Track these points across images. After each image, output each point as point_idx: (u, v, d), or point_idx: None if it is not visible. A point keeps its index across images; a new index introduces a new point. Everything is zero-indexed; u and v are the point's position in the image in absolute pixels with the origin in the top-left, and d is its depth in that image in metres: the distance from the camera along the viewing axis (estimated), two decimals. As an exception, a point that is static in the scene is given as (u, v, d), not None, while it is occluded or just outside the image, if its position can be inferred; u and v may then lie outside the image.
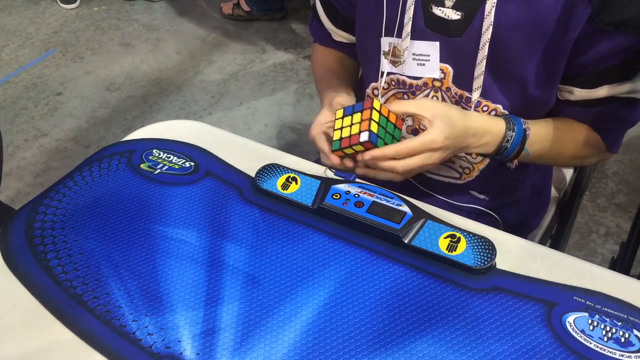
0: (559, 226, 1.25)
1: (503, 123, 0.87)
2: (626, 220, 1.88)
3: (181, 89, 2.52)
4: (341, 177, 0.86)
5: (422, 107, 0.83)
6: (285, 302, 0.72)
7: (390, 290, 0.73)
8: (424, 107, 0.83)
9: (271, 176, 0.86)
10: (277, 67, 2.63)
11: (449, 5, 0.85)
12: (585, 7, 0.79)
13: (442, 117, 0.82)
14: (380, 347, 0.67)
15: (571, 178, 1.24)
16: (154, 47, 2.77)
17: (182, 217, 0.83)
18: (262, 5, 2.85)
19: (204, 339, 0.68)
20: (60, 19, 2.97)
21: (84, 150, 2.20)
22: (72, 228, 0.81)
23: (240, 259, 0.77)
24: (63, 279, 0.75)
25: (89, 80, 2.57)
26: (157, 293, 0.73)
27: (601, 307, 0.70)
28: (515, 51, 0.84)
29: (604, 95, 0.87)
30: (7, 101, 2.45)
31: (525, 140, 0.88)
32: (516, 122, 0.87)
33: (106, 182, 0.89)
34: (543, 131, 0.91)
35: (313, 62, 1.11)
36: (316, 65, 1.09)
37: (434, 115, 0.81)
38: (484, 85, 0.88)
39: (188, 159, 0.92)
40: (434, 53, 0.88)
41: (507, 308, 0.70)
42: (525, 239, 0.81)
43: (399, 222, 0.78)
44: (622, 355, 0.65)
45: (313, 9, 1.07)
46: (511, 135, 0.87)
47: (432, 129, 0.81)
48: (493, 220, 1.03)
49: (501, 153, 0.88)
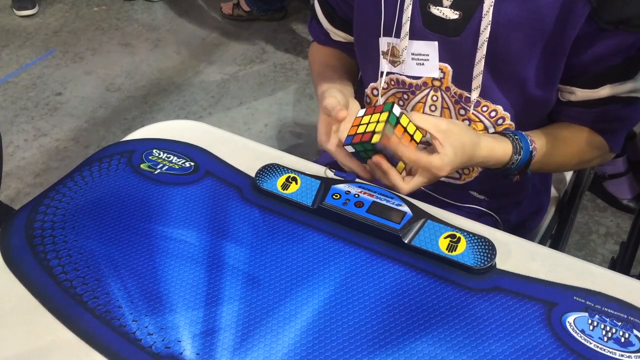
0: (559, 226, 1.25)
1: (510, 147, 0.87)
2: (626, 220, 1.88)
3: (181, 89, 2.52)
4: (341, 177, 0.86)
5: (437, 127, 0.81)
6: (285, 302, 0.72)
7: (390, 290, 0.73)
8: (439, 128, 0.81)
9: (271, 176, 0.86)
10: (277, 67, 2.63)
11: (447, 4, 0.85)
12: (584, 5, 0.78)
13: (455, 145, 0.80)
14: (380, 347, 0.67)
15: (571, 178, 1.24)
16: (154, 47, 2.77)
17: (182, 217, 0.83)
18: (262, 5, 2.85)
19: (204, 339, 0.68)
20: (60, 19, 2.97)
21: (84, 150, 2.20)
22: (72, 228, 0.81)
23: (240, 259, 0.77)
24: (63, 279, 0.75)
25: (89, 80, 2.57)
26: (157, 293, 0.73)
27: (601, 307, 0.70)
28: (514, 50, 0.84)
29: (605, 95, 0.87)
30: (7, 101, 2.45)
31: (530, 161, 0.88)
32: (524, 144, 0.87)
33: (106, 182, 0.89)
34: (548, 145, 0.90)
35: (311, 61, 1.11)
36: (313, 64, 1.09)
37: (446, 140, 0.80)
38: (483, 85, 0.88)
39: (188, 159, 0.92)
40: (432, 53, 0.88)
41: (507, 308, 0.70)
42: (525, 239, 0.81)
43: (399, 222, 0.78)
44: (622, 355, 0.65)
45: (312, 9, 1.07)
46: (517, 158, 0.87)
47: (443, 157, 0.80)
48: (493, 220, 1.03)
49: (504, 171, 0.89)
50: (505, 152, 0.86)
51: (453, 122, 0.83)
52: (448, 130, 0.81)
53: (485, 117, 0.91)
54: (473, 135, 0.84)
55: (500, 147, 0.86)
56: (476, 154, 0.84)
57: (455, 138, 0.81)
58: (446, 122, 0.82)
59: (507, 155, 0.87)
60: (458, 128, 0.83)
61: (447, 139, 0.80)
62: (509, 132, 0.89)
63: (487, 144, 0.86)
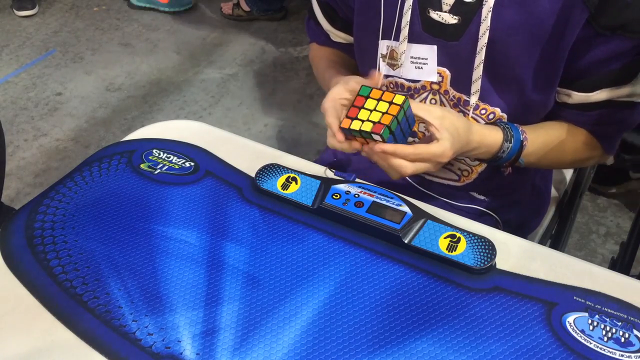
0: (559, 226, 1.25)
1: (500, 135, 0.87)
2: (626, 220, 1.88)
3: (181, 89, 2.52)
4: (341, 177, 0.86)
5: (432, 114, 0.81)
6: (285, 302, 0.72)
7: (390, 290, 0.73)
8: (434, 115, 0.81)
9: (271, 176, 0.86)
10: (277, 67, 2.63)
11: (446, 9, 0.85)
12: (582, 11, 0.79)
13: (451, 130, 0.81)
14: (380, 347, 0.67)
15: (571, 178, 1.24)
16: (154, 47, 2.77)
17: (182, 217, 0.83)
18: (262, 5, 2.85)
19: (204, 339, 0.68)
20: (60, 19, 2.97)
21: (84, 150, 2.20)
22: (72, 228, 0.81)
23: (240, 259, 0.77)
24: (63, 279, 0.75)
25: (89, 80, 2.57)
26: (157, 293, 0.73)
27: (601, 307, 0.70)
28: (513, 55, 0.84)
29: (602, 99, 0.87)
30: (7, 101, 2.45)
31: (521, 151, 0.88)
32: (514, 133, 0.88)
33: (106, 182, 0.89)
34: (541, 139, 0.91)
35: (313, 58, 1.11)
36: (317, 60, 1.08)
37: (442, 126, 0.80)
38: (482, 89, 0.88)
39: (188, 159, 0.92)
40: (431, 57, 0.89)
41: (507, 308, 0.70)
42: (525, 239, 0.81)
43: (399, 222, 0.78)
44: (622, 355, 0.65)
45: (310, 9, 1.07)
46: (507, 146, 0.87)
47: (443, 142, 0.80)
48: (493, 220, 1.03)
49: (496, 160, 0.89)
50: (496, 139, 0.87)
51: (445, 108, 0.83)
52: (442, 116, 0.81)
53: (484, 120, 0.91)
54: (465, 121, 0.85)
55: (491, 134, 0.87)
56: (470, 139, 0.84)
57: (449, 123, 0.81)
58: (439, 108, 0.82)
59: (498, 142, 0.87)
60: (450, 114, 0.83)
61: (442, 124, 0.80)
62: (500, 122, 0.89)
63: (478, 129, 0.86)
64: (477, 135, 0.86)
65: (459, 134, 0.82)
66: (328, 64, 1.05)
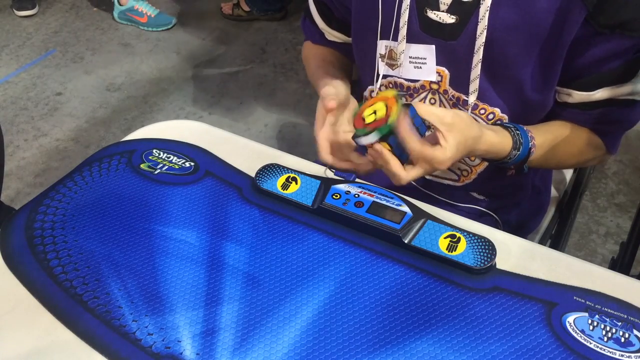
0: (559, 226, 1.25)
1: (510, 142, 0.86)
2: (626, 220, 1.88)
3: (181, 89, 2.52)
4: (341, 177, 0.86)
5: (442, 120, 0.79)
6: (285, 302, 0.72)
7: (390, 290, 0.73)
8: (443, 121, 0.79)
9: (271, 176, 0.86)
10: (277, 67, 2.63)
11: (444, 9, 0.85)
12: (580, 9, 0.79)
13: (457, 140, 0.79)
14: (380, 347, 0.67)
15: (571, 178, 1.24)
16: (154, 47, 2.77)
17: (182, 217, 0.83)
18: (262, 5, 2.85)
19: (204, 339, 0.68)
20: (60, 19, 2.97)
21: (84, 150, 2.20)
22: (72, 228, 0.81)
23: (240, 259, 0.77)
24: (63, 279, 0.75)
25: (89, 80, 2.57)
26: (157, 293, 0.73)
27: (601, 307, 0.70)
28: (511, 54, 0.84)
29: (602, 97, 0.87)
30: (7, 101, 2.45)
31: (528, 157, 0.88)
32: (524, 141, 0.87)
33: (106, 182, 0.89)
34: (548, 143, 0.90)
35: (305, 57, 1.11)
36: (309, 59, 1.08)
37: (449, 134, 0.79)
38: (481, 88, 0.88)
39: (188, 159, 0.92)
40: (430, 56, 0.89)
41: (507, 308, 0.70)
42: (525, 239, 0.81)
43: (399, 222, 0.78)
44: (622, 355, 0.65)
45: (305, 8, 1.07)
46: (515, 154, 0.87)
47: (445, 151, 0.78)
48: (493, 220, 1.03)
49: (501, 164, 0.89)
50: (504, 147, 0.86)
51: (458, 114, 0.81)
52: (452, 123, 0.79)
53: (483, 120, 0.91)
54: (476, 130, 0.82)
55: (501, 142, 0.86)
56: (477, 148, 0.84)
57: (458, 133, 0.79)
58: (451, 114, 0.80)
59: (506, 150, 0.86)
60: (463, 123, 0.81)
61: (450, 133, 0.78)
62: (511, 126, 0.88)
63: (488, 139, 0.84)
64: (485, 145, 0.84)
65: (465, 145, 0.81)
66: (319, 62, 1.05)
